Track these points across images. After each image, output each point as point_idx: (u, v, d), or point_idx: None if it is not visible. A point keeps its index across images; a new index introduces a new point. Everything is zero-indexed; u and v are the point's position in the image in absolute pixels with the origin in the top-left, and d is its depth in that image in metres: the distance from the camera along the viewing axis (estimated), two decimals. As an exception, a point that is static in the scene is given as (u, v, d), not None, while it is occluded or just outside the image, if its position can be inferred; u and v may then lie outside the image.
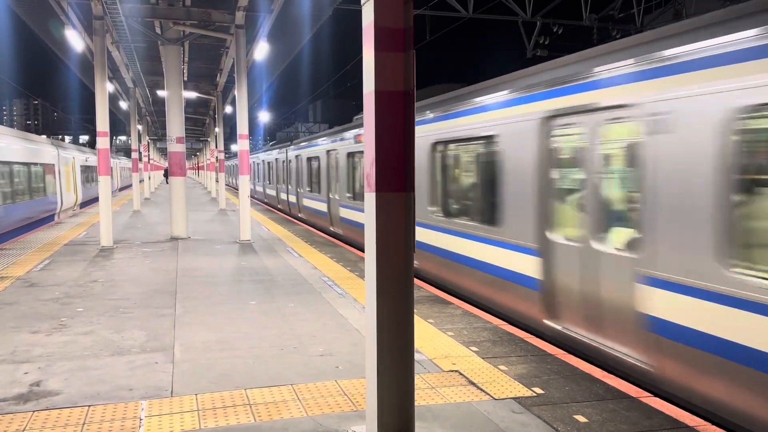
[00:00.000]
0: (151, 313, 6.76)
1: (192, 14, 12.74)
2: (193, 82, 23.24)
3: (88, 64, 18.95)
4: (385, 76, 3.33)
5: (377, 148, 3.34)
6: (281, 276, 9.09)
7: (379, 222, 3.37)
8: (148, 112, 33.05)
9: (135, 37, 13.86)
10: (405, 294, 3.42)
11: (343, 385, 4.57)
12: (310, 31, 15.13)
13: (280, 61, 19.38)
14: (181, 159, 13.91)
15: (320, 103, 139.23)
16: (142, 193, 28.14)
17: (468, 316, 6.71)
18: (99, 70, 12.26)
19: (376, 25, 3.29)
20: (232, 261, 10.52)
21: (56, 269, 9.56)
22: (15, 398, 4.29)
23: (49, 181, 22.02)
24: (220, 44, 16.88)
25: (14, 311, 6.82)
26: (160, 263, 10.22)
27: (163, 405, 4.17)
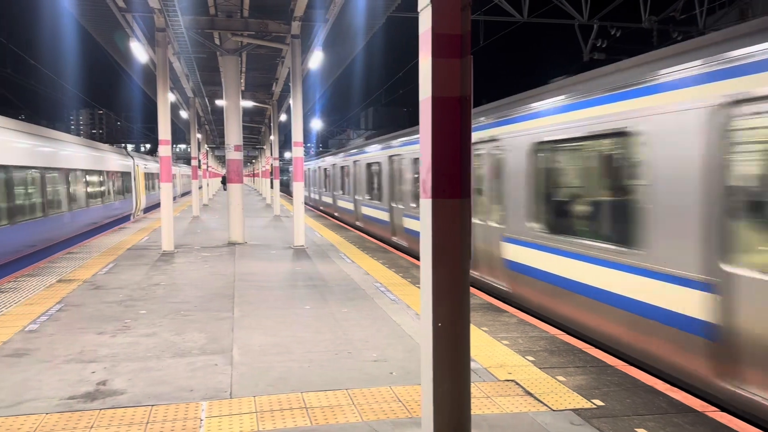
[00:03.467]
0: (210, 316, 6.94)
1: (250, 25, 13.07)
2: (250, 91, 23.82)
3: (150, 74, 19.72)
4: (442, 82, 3.32)
5: (433, 154, 3.34)
6: (334, 281, 9.18)
7: (435, 229, 3.36)
8: (207, 121, 34.05)
9: (195, 48, 14.32)
10: (461, 302, 3.39)
11: (398, 392, 4.57)
12: (364, 39, 15.27)
13: (334, 70, 19.63)
14: (238, 166, 14.26)
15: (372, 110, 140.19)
16: (201, 199, 28.99)
17: (523, 325, 6.60)
18: (161, 81, 12.72)
19: (434, 32, 3.29)
20: (286, 266, 10.69)
21: (120, 273, 9.95)
22: (83, 396, 4.47)
23: (129, 186, 27.63)
24: (276, 54, 17.25)
25: (81, 313, 7.12)
26: (218, 267, 10.48)
27: (223, 406, 4.27)
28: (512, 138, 8.13)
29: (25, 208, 13.54)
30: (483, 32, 16.81)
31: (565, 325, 6.87)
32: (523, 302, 7.84)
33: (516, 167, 8.02)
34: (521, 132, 7.89)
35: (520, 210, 7.90)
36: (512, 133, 8.12)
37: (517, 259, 7.94)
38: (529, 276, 7.64)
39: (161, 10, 11.01)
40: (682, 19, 16.56)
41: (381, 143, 16.56)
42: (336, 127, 78.47)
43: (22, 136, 13.60)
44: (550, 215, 7.35)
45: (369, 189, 17.84)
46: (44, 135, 15.60)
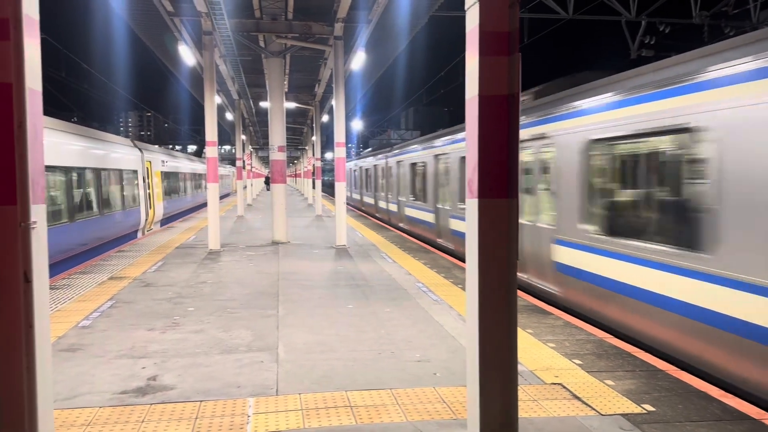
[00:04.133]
0: (255, 314, 7.06)
1: (294, 27, 13.24)
2: (293, 92, 24.11)
3: (197, 77, 20.17)
4: (489, 80, 3.29)
5: (479, 153, 3.31)
6: (376, 281, 9.20)
7: (481, 229, 3.33)
8: (251, 123, 34.64)
9: (240, 50, 14.59)
10: (508, 303, 3.35)
11: (442, 393, 4.55)
12: (406, 39, 15.27)
13: (376, 70, 19.69)
14: (282, 167, 14.45)
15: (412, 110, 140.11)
16: (245, 199, 29.49)
17: (569, 327, 6.48)
18: (208, 84, 13.00)
19: (481, 30, 3.27)
20: (329, 265, 10.78)
21: (169, 270, 10.20)
22: (134, 391, 4.60)
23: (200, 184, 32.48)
24: (318, 56, 17.42)
25: (132, 309, 7.34)
26: (262, 266, 10.64)
27: (269, 403, 4.33)
28: (565, 135, 7.88)
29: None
30: (527, 30, 16.61)
31: (620, 331, 6.63)
32: (575, 307, 7.63)
33: (568, 166, 7.75)
34: (574, 129, 7.64)
35: (573, 211, 7.64)
36: (565, 130, 7.93)
37: (571, 263, 7.66)
38: (578, 279, 7.43)
39: (208, 14, 11.25)
40: (735, 14, 16.00)
41: (425, 142, 16.20)
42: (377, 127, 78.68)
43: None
44: (607, 216, 7.03)
45: (413, 190, 17.55)
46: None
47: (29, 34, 2.96)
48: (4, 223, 2.83)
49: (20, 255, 2.87)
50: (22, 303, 2.90)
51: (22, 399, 2.93)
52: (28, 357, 2.93)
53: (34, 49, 3.02)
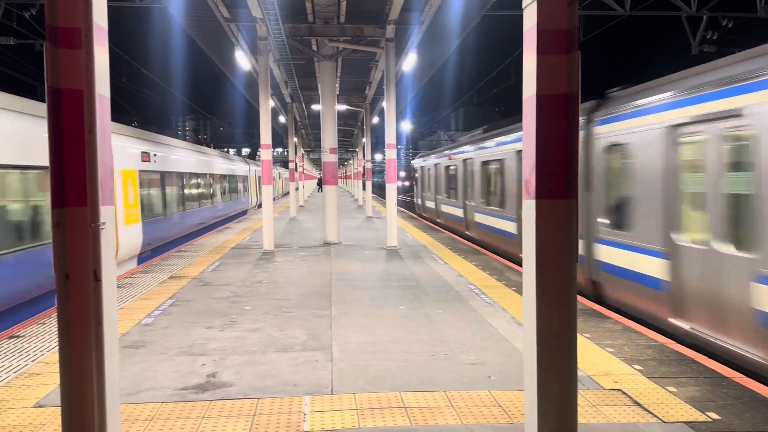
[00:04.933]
0: (309, 314, 7.15)
1: (346, 30, 13.36)
2: (344, 95, 24.34)
3: (251, 81, 20.61)
4: (547, 79, 3.23)
5: (537, 153, 3.25)
6: (428, 282, 9.17)
7: (539, 231, 3.27)
8: (303, 125, 35.14)
9: (293, 55, 14.82)
10: (568, 307, 3.28)
11: (497, 396, 4.49)
12: (458, 39, 15.18)
13: (426, 71, 19.66)
14: (333, 169, 14.61)
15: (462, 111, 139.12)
16: (297, 200, 29.91)
17: (629, 332, 6.30)
18: (263, 88, 13.27)
19: (539, 28, 3.21)
20: (380, 266, 10.81)
21: (225, 270, 10.46)
22: (195, 387, 4.74)
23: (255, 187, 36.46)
24: (370, 58, 17.52)
25: (191, 308, 7.55)
26: (315, 267, 10.78)
27: (324, 402, 4.38)
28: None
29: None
30: (583, 27, 16.24)
31: None
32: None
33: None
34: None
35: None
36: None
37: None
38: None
39: (263, 19, 11.48)
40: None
41: (503, 135, 13.39)
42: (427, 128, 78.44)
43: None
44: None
45: (485, 192, 14.72)
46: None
47: (99, 42, 3.09)
48: (76, 224, 2.97)
49: (90, 255, 3.00)
50: (92, 301, 3.02)
51: (91, 393, 3.06)
52: (98, 353, 3.05)
53: (103, 56, 3.15)
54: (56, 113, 2.98)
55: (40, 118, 8.82)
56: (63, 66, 3.00)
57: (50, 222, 2.98)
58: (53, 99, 2.98)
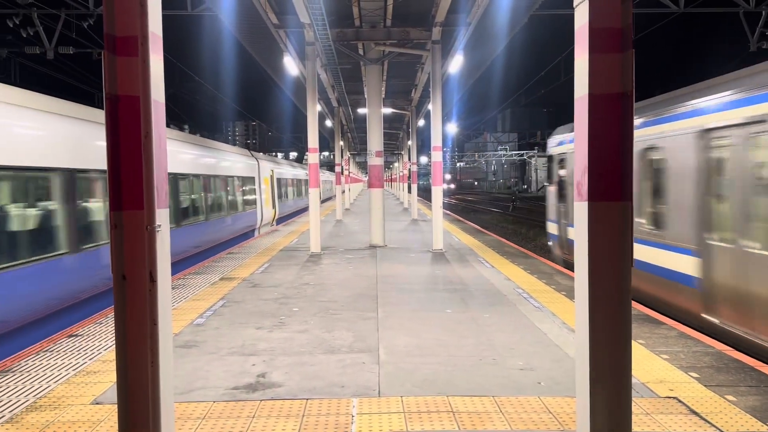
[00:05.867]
0: (356, 316, 7.18)
1: (392, 34, 13.41)
2: (390, 98, 24.41)
3: (298, 86, 20.90)
4: (600, 78, 3.16)
5: (590, 154, 3.18)
6: (474, 286, 9.09)
7: (592, 234, 3.19)
8: (349, 129, 35.42)
9: (340, 59, 14.95)
10: (622, 313, 3.18)
11: (547, 402, 4.41)
12: (505, 39, 15.02)
13: (473, 72, 19.52)
14: (379, 172, 14.66)
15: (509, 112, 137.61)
16: (343, 203, 30.16)
17: (684, 338, 6.08)
18: (310, 93, 13.44)
19: (591, 26, 3.14)
20: (426, 269, 10.78)
21: (274, 272, 10.62)
22: (245, 387, 4.82)
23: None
24: (415, 61, 17.52)
25: (242, 309, 7.69)
26: (361, 269, 10.83)
27: (372, 404, 4.38)
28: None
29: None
30: (635, 25, 15.81)
31: None
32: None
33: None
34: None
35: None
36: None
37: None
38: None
39: (311, 25, 11.63)
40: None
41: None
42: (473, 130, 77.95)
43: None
44: None
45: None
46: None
47: (154, 50, 3.18)
48: (133, 227, 3.06)
49: (146, 256, 3.09)
50: (148, 301, 3.11)
51: (147, 391, 3.14)
52: (153, 352, 3.14)
53: (159, 64, 3.25)
54: (114, 119, 3.08)
55: None
56: (120, 73, 3.10)
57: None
58: (111, 105, 3.09)
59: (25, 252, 7.34)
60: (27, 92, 8.02)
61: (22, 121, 7.60)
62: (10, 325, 6.98)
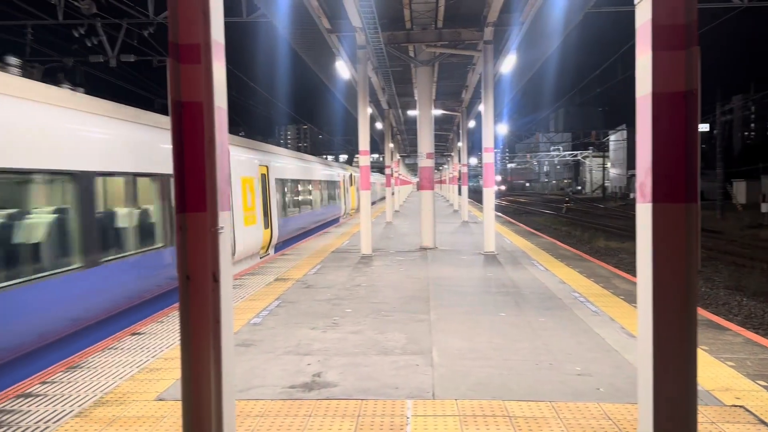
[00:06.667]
0: (408, 318, 7.19)
1: (443, 35, 13.37)
2: (440, 100, 24.34)
3: (349, 90, 21.09)
4: (664, 76, 3.07)
5: (654, 154, 3.10)
6: (528, 289, 8.95)
7: (656, 237, 3.10)
8: (399, 131, 35.48)
9: (391, 62, 15.01)
10: (687, 318, 3.09)
11: (607, 409, 4.30)
12: (559, 38, 14.76)
13: (525, 72, 19.25)
14: (430, 174, 14.63)
15: (563, 111, 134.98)
16: (393, 205, 30.21)
17: (750, 345, 5.82)
18: (361, 96, 13.54)
19: (654, 23, 3.06)
20: (478, 272, 10.69)
21: (326, 273, 10.74)
22: (301, 386, 4.89)
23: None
24: (466, 62, 17.42)
25: (296, 309, 7.82)
26: (412, 271, 10.83)
27: (427, 406, 4.38)
28: None
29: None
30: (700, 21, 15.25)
31: None
32: None
33: None
34: None
35: None
36: None
37: None
38: None
39: (362, 29, 11.73)
40: None
41: None
42: (524, 130, 76.81)
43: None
44: None
45: None
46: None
47: (216, 57, 3.28)
48: (197, 228, 3.16)
49: (210, 257, 3.19)
50: (211, 300, 3.21)
51: (209, 388, 3.24)
52: (215, 350, 3.23)
53: (221, 70, 3.35)
54: (178, 125, 3.20)
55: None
56: (184, 80, 3.21)
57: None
58: (176, 111, 3.20)
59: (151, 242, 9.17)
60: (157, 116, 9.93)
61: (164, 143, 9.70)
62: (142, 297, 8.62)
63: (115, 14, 16.06)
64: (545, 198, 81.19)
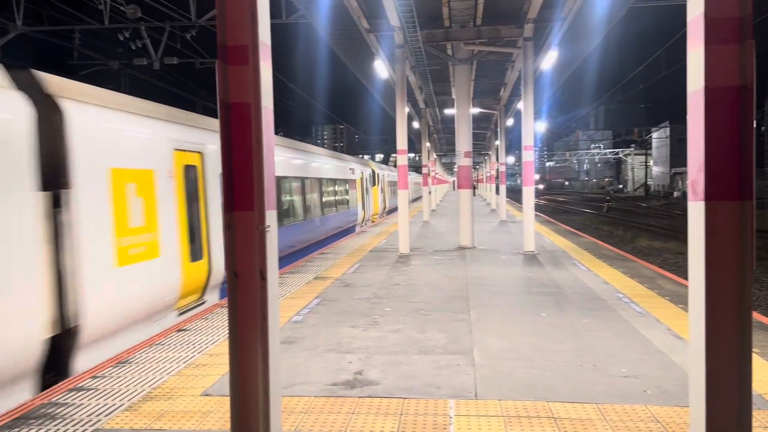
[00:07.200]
0: (448, 317, 7.17)
1: (482, 33, 13.27)
2: (478, 98, 24.15)
3: (386, 90, 21.11)
4: (718, 71, 2.99)
5: (707, 150, 3.01)
6: (570, 289, 8.82)
7: (709, 236, 3.02)
8: (436, 130, 35.36)
9: (429, 60, 14.97)
10: (742, 321, 2.99)
11: (654, 412, 4.21)
12: (601, 33, 14.48)
13: (565, 69, 18.96)
14: (468, 172, 14.54)
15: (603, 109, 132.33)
16: (430, 204, 30.15)
17: (807, 350, 5.61)
18: (399, 95, 13.54)
19: (707, 17, 2.98)
20: (517, 271, 10.58)
21: (365, 272, 10.79)
22: (344, 384, 4.93)
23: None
24: (505, 59, 17.25)
25: (336, 307, 7.88)
26: (451, 270, 10.79)
27: (469, 406, 4.36)
28: None
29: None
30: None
31: None
32: None
33: None
34: None
35: None
36: None
37: None
38: None
39: (400, 28, 11.73)
40: None
41: None
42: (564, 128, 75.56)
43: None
44: None
45: None
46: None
47: (263, 58, 3.33)
48: (245, 227, 3.22)
49: (257, 255, 3.24)
50: (258, 298, 3.26)
51: (257, 384, 3.30)
52: (263, 346, 3.29)
53: (268, 71, 3.40)
54: (227, 125, 3.26)
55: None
56: (232, 81, 3.27)
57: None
58: (224, 112, 3.26)
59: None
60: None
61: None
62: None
63: (159, 18, 16.46)
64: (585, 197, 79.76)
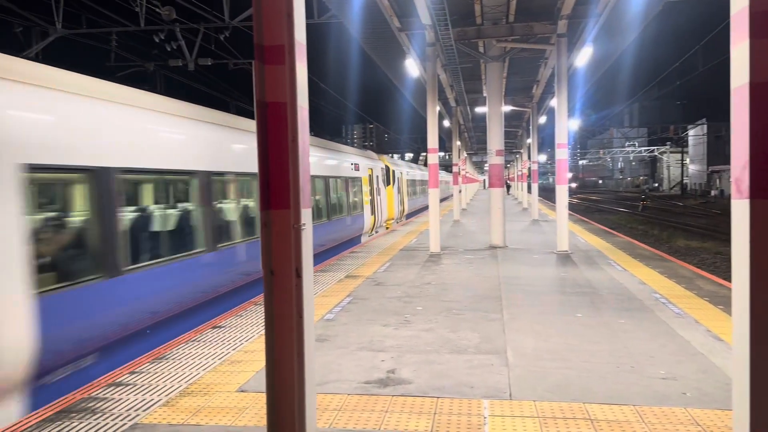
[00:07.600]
0: (480, 317, 7.12)
1: (515, 30, 13.14)
2: (510, 96, 23.94)
3: (416, 88, 21.07)
4: (762, 65, 2.90)
5: (751, 147, 2.92)
6: (605, 289, 8.67)
7: (755, 236, 2.93)
8: (466, 128, 35.17)
9: (460, 58, 14.89)
10: (789, 319, 2.90)
11: (694, 414, 4.11)
12: (637, 29, 14.21)
13: (600, 65, 18.65)
14: (500, 171, 14.43)
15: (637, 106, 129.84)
16: (460, 203, 29.99)
17: None
18: (430, 93, 13.50)
19: (752, 10, 2.89)
20: (551, 271, 10.45)
21: (396, 271, 10.79)
22: (376, 382, 4.94)
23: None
24: (538, 56, 17.06)
25: (367, 306, 7.90)
26: (482, 270, 10.72)
27: (504, 406, 4.33)
28: None
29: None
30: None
31: None
32: None
33: None
34: None
35: None
36: None
37: None
38: None
39: (432, 26, 11.69)
40: None
41: None
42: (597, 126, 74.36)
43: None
44: None
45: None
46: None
47: (299, 58, 3.35)
48: (281, 225, 3.24)
49: (293, 253, 3.26)
50: (294, 295, 3.29)
51: (292, 380, 3.32)
52: (299, 344, 3.31)
53: (303, 71, 3.42)
54: (263, 124, 3.29)
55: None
56: (269, 81, 3.30)
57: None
58: (261, 111, 3.29)
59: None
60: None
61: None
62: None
63: (193, 19, 16.73)
64: (619, 195, 78.38)
